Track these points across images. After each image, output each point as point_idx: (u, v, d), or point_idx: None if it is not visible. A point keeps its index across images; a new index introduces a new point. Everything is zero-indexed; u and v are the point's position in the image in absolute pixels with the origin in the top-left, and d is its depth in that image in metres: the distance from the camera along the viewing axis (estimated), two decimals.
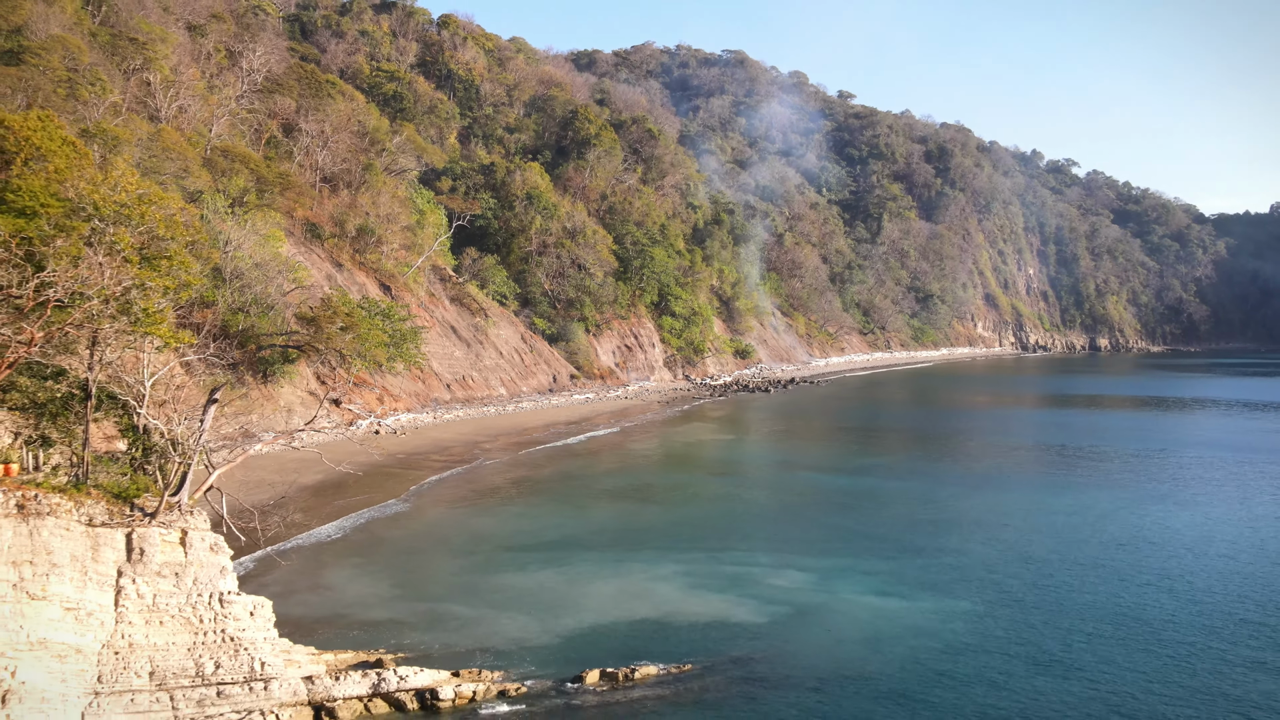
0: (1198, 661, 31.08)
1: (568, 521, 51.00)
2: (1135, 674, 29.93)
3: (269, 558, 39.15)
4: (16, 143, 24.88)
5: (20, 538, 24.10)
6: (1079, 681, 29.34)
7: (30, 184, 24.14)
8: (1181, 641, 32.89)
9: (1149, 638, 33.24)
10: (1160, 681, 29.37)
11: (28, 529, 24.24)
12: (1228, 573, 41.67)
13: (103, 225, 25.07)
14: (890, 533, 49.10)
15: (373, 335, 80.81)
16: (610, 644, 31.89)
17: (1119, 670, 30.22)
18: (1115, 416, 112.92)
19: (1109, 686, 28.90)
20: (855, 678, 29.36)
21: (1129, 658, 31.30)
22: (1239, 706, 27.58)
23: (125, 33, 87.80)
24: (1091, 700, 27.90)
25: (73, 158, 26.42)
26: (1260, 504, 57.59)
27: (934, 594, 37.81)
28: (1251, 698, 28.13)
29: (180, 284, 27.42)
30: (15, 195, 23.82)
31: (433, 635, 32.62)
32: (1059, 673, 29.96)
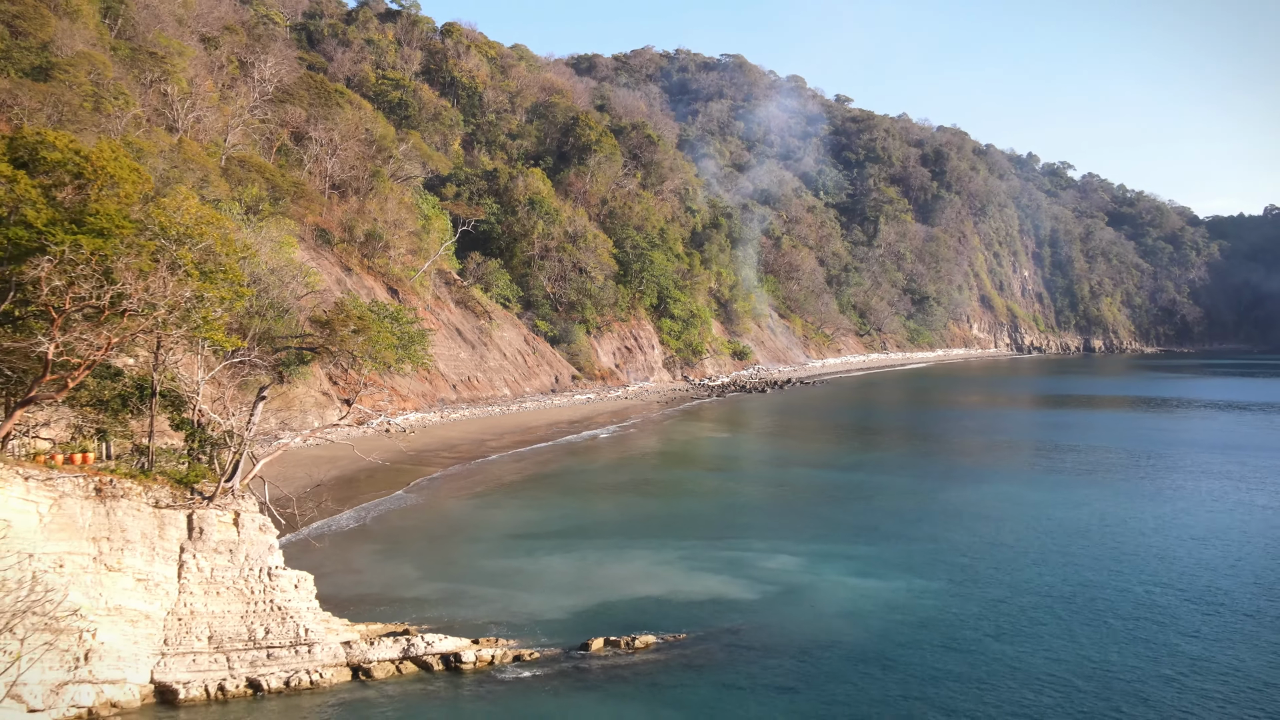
0: (1135, 631, 34.51)
1: (573, 512, 54.46)
2: (1075, 642, 33.47)
3: (305, 541, 42.58)
4: (93, 171, 28.31)
5: (99, 517, 27.57)
6: (1026, 647, 32.87)
7: (106, 207, 27.55)
8: (1121, 615, 36.36)
9: (1092, 613, 36.72)
10: (1096, 647, 32.83)
11: (105, 509, 27.70)
12: (1178, 557, 45.12)
13: (167, 243, 28.52)
14: (874, 522, 52.60)
15: (383, 338, 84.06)
16: (614, 618, 35.33)
17: (1061, 639, 33.72)
18: (1102, 416, 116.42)
19: (1052, 652, 32.38)
20: (833, 645, 32.83)
21: (1072, 629, 34.82)
22: (1160, 669, 31.01)
23: (145, 47, 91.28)
24: (1035, 662, 31.37)
25: (138, 183, 29.91)
26: (1226, 496, 61.05)
27: (908, 575, 41.30)
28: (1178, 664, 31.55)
29: (234, 295, 30.97)
30: (94, 218, 27.21)
31: (452, 611, 36.03)
32: (1009, 640, 33.47)
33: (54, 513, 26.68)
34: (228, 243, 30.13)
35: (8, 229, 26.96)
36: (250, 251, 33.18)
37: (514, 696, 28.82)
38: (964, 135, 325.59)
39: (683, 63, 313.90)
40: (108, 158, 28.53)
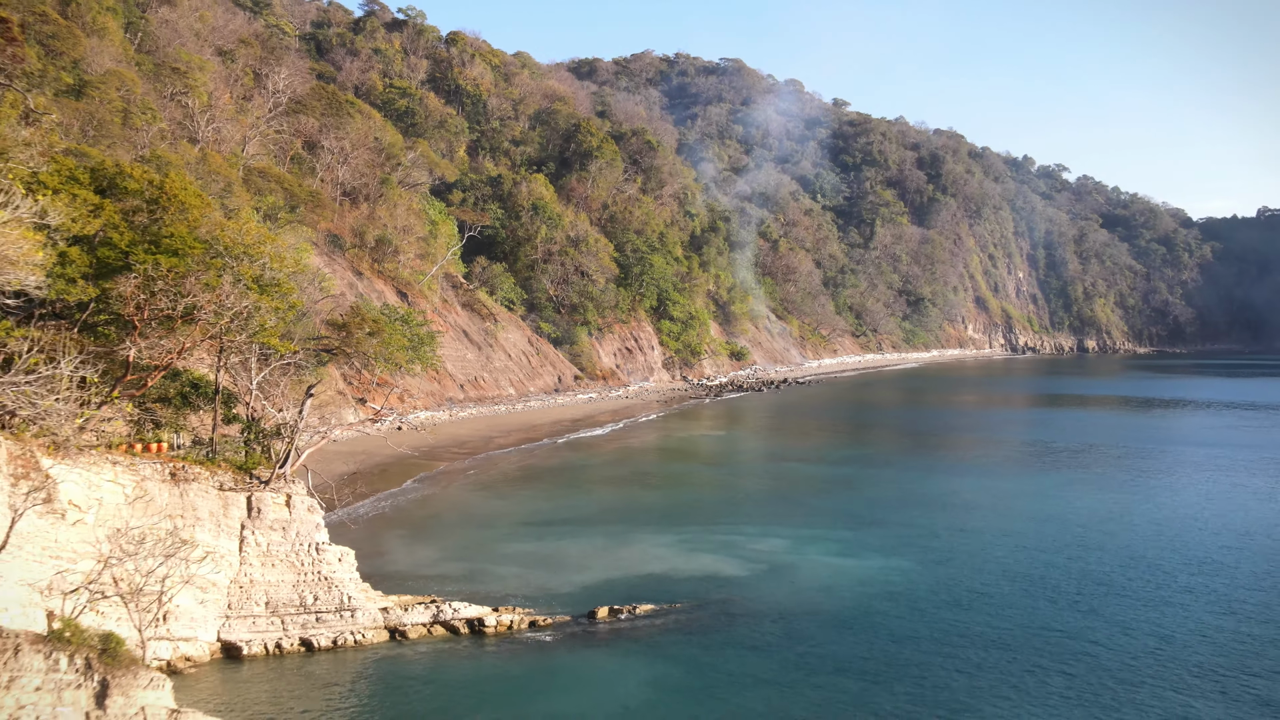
0: (1078, 601, 38.88)
1: (578, 502, 58.87)
2: (1021, 610, 37.89)
3: (340, 524, 46.97)
4: (166, 198, 32.69)
5: (174, 498, 31.96)
6: (978, 614, 37.31)
7: (179, 230, 31.91)
8: (1069, 589, 40.74)
9: (1043, 586, 41.13)
10: (1040, 614, 37.21)
11: (179, 491, 32.10)
12: (1131, 540, 49.51)
13: (230, 261, 32.91)
14: (856, 510, 57.02)
15: (395, 340, 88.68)
16: (617, 591, 39.71)
17: (1010, 608, 38.10)
18: (1086, 415, 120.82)
19: (999, 618, 36.75)
20: (809, 613, 37.24)
21: (1021, 600, 39.23)
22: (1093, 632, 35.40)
23: (167, 62, 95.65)
24: (982, 626, 35.74)
25: (203, 208, 34.30)
26: (1190, 488, 65.46)
27: (881, 555, 45.74)
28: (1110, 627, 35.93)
29: (286, 305, 35.36)
30: (169, 239, 31.57)
31: (473, 586, 40.38)
32: (963, 609, 37.90)
33: (137, 493, 31.06)
34: (281, 260, 34.60)
35: (97, 250, 31.34)
36: (300, 267, 37.02)
37: (530, 654, 33.23)
38: (960, 138, 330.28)
39: (682, 67, 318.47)
40: (179, 186, 32.92)
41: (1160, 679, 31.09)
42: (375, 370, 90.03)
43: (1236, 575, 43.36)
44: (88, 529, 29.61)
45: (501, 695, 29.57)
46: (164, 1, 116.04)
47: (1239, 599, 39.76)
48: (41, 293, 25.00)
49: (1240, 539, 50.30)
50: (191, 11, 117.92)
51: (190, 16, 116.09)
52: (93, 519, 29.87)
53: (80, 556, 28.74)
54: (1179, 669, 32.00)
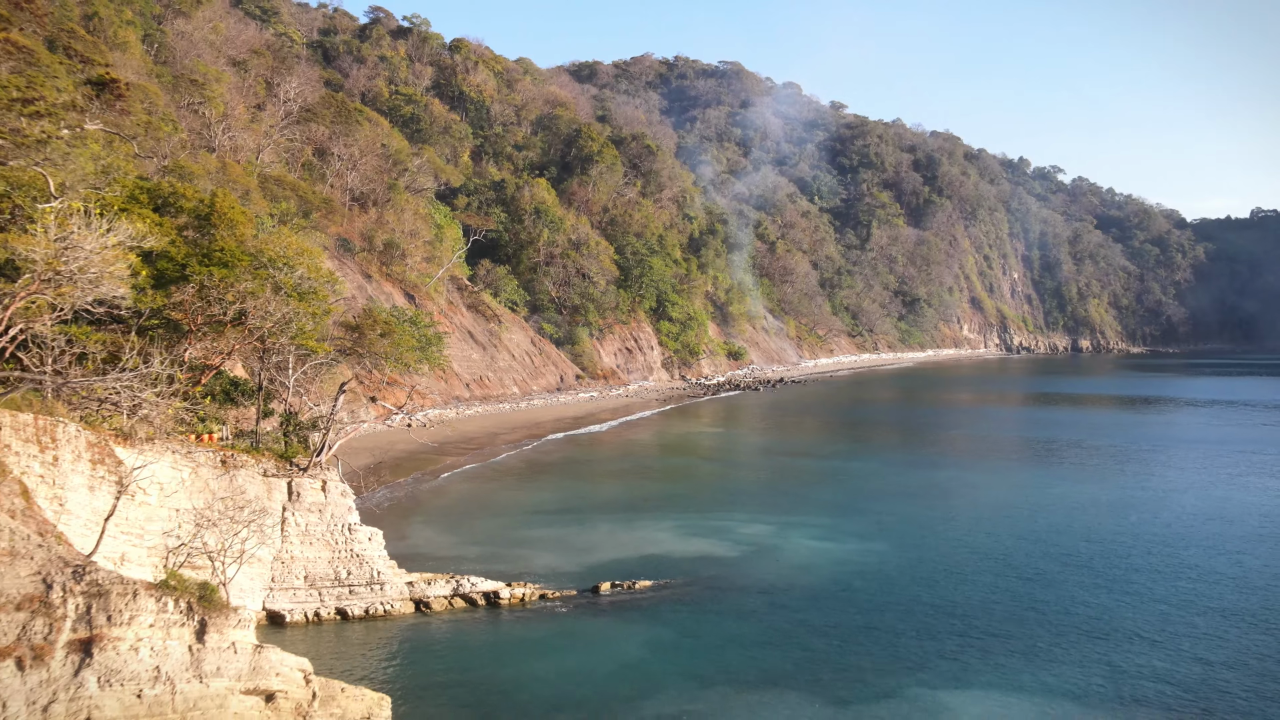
0: (1030, 580, 42.93)
1: (581, 493, 62.93)
2: (979, 586, 41.90)
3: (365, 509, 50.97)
4: (218, 217, 36.73)
5: (224, 482, 35.99)
6: (940, 589, 41.38)
7: (228, 244, 35.94)
8: (1030, 568, 44.78)
9: (1005, 566, 45.16)
10: (999, 590, 41.25)
11: (229, 477, 36.12)
12: (1088, 527, 53.54)
13: (273, 271, 36.95)
14: (839, 499, 61.11)
15: (405, 340, 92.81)
16: (619, 569, 43.74)
17: (968, 584, 42.15)
18: (1072, 413, 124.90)
19: (956, 592, 40.80)
20: (789, 587, 41.32)
21: (980, 578, 43.25)
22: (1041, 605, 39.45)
23: (186, 75, 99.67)
24: (944, 599, 39.78)
25: (247, 224, 38.34)
26: (1157, 480, 69.51)
27: (858, 539, 49.83)
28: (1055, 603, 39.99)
29: (322, 311, 39.42)
30: (220, 253, 35.62)
31: (487, 565, 44.40)
32: (928, 584, 41.98)
33: (193, 478, 35.09)
34: (317, 271, 38.66)
35: (156, 262, 35.38)
36: (334, 277, 40.52)
37: (541, 621, 37.29)
38: (956, 140, 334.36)
39: (681, 69, 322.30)
40: (227, 205, 36.98)
41: (1094, 636, 35.11)
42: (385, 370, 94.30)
43: (1182, 554, 47.37)
44: (150, 509, 33.63)
45: (516, 655, 33.62)
46: (179, 13, 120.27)
47: (1181, 573, 43.76)
48: (126, 302, 28.94)
49: (1194, 523, 54.33)
50: (206, 23, 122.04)
51: (204, 28, 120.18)
52: (155, 500, 33.88)
53: (146, 533, 32.83)
54: (1111, 627, 36.01)
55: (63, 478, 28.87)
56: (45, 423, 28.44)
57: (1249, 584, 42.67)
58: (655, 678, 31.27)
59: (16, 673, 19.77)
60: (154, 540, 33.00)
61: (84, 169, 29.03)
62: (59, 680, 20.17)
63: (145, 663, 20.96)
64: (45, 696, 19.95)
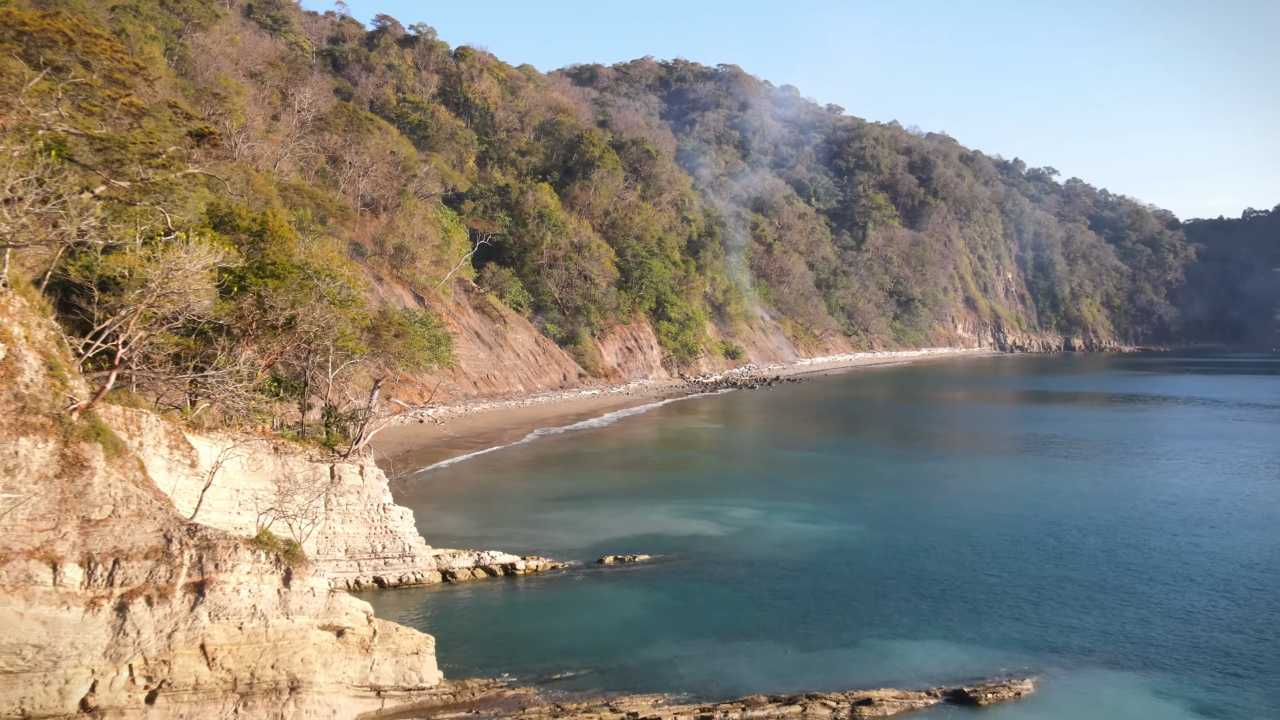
0: (984, 561, 48.22)
1: (585, 481, 68.26)
2: (939, 560, 47.21)
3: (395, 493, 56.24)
4: (270, 234, 42.00)
5: (278, 466, 41.30)
6: (904, 562, 46.71)
7: (280, 258, 41.21)
8: (988, 546, 50.09)
9: (967, 544, 50.46)
10: (961, 564, 46.56)
11: (281, 461, 41.43)
12: (1048, 511, 58.88)
13: (318, 282, 42.24)
14: (822, 487, 66.46)
15: (417, 341, 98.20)
16: (620, 546, 49.06)
17: (931, 558, 47.46)
18: (1059, 410, 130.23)
19: (918, 565, 46.11)
20: (770, 561, 46.67)
21: (942, 553, 48.57)
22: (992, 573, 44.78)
23: (208, 89, 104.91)
24: (904, 569, 45.09)
25: (295, 239, 43.62)
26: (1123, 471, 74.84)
27: (836, 521, 55.20)
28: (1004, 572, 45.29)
29: (360, 316, 44.68)
30: (272, 266, 40.91)
31: (504, 543, 49.65)
32: (893, 560, 47.34)
33: (250, 463, 40.40)
34: (355, 282, 43.96)
35: (218, 274, 40.62)
36: (368, 285, 45.46)
37: (552, 588, 42.63)
38: (952, 142, 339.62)
39: (681, 72, 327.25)
40: (278, 224, 42.28)
41: (1028, 599, 40.41)
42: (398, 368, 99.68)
43: (1123, 533, 52.67)
44: (214, 490, 38.94)
45: (532, 614, 38.95)
46: (197, 27, 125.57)
47: (1120, 549, 49.08)
48: (209, 313, 34.15)
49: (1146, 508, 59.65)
50: (223, 36, 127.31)
51: (222, 41, 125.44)
52: (219, 480, 39.19)
53: (213, 509, 38.12)
54: (1045, 594, 41.31)
55: (146, 460, 34.16)
56: (131, 413, 33.73)
57: (1181, 559, 47.94)
58: (651, 632, 36.59)
59: (147, 607, 25.11)
60: (217, 517, 38.30)
61: (198, 210, 34.06)
62: (179, 614, 25.51)
63: (244, 601, 26.30)
64: (169, 626, 25.29)
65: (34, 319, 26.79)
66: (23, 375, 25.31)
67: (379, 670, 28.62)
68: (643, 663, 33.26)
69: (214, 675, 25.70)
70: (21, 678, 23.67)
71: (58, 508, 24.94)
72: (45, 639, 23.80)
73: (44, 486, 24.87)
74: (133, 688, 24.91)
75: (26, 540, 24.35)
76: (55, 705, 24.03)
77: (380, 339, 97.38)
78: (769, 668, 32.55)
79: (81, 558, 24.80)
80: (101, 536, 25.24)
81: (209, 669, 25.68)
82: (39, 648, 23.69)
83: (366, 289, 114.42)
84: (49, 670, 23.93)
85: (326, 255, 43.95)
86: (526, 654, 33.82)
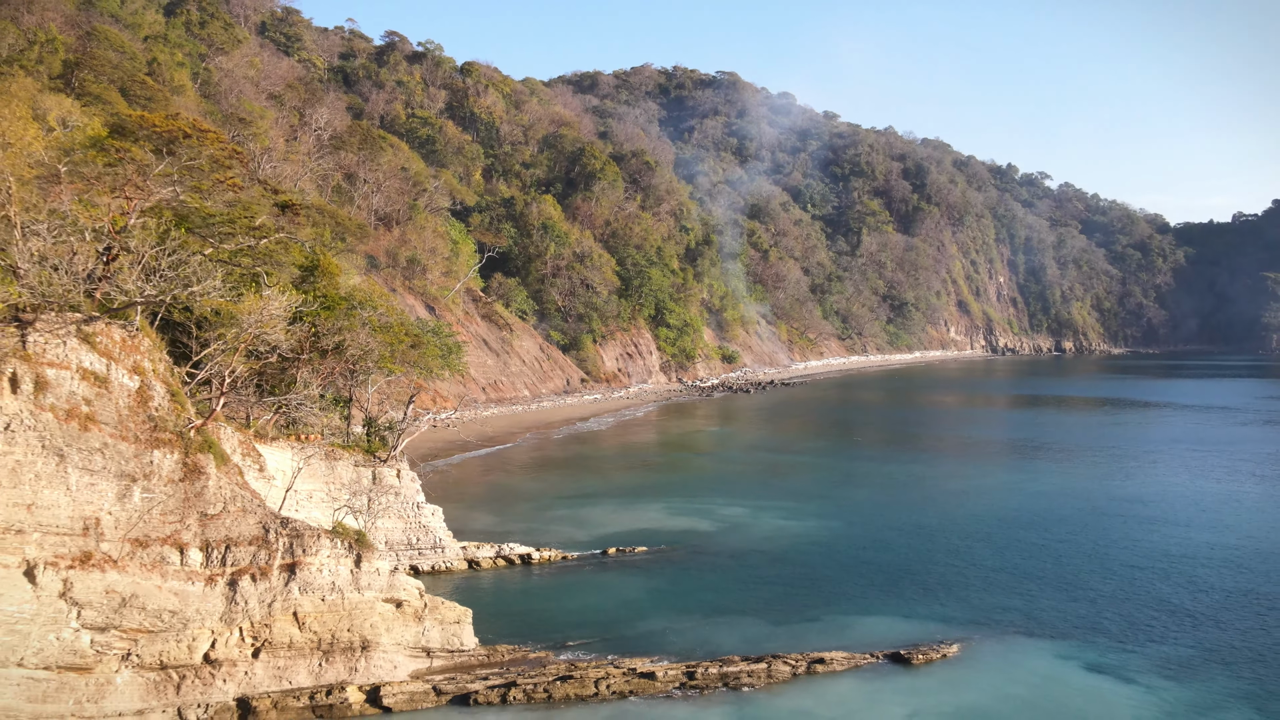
0: (942, 552, 55.10)
1: (589, 481, 75.14)
2: (902, 552, 54.10)
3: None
4: (320, 271, 48.87)
5: (328, 470, 48.19)
6: (870, 553, 53.59)
7: (330, 290, 48.09)
8: (942, 543, 56.98)
9: (925, 539, 57.37)
10: (913, 556, 53.45)
11: (330, 466, 48.33)
12: (1004, 509, 65.79)
13: (361, 310, 49.13)
14: (805, 487, 73.36)
15: (431, 350, 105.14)
16: (621, 538, 55.96)
17: (894, 551, 54.35)
18: (1040, 414, 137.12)
19: (882, 557, 53.00)
20: (755, 551, 53.59)
21: (904, 546, 55.46)
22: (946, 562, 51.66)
23: (235, 114, 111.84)
24: (876, 561, 51.98)
25: (339, 273, 50.49)
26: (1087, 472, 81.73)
27: (816, 518, 62.11)
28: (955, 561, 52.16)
29: (398, 340, 51.61)
30: (324, 298, 47.81)
31: (519, 537, 56.55)
32: (862, 550, 54.20)
33: (305, 467, 47.26)
34: (391, 310, 50.88)
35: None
36: (403, 314, 51.81)
37: (563, 574, 49.55)
38: (946, 147, 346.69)
39: (680, 79, 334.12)
40: (328, 261, 49.18)
41: (973, 583, 47.31)
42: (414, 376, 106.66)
43: (1061, 531, 59.56)
44: (278, 490, 45.87)
45: (546, 595, 45.85)
46: (219, 51, 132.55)
47: (1049, 545, 55.95)
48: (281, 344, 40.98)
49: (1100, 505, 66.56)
50: (244, 59, 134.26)
51: (243, 64, 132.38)
52: (280, 482, 46.14)
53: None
54: (989, 579, 48.20)
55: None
56: (213, 426, 40.64)
57: (1103, 550, 54.81)
58: (647, 609, 43.49)
59: (251, 583, 32.04)
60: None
61: (292, 272, 41.08)
62: (276, 588, 32.44)
63: (325, 579, 33.24)
64: (269, 598, 32.21)
65: (157, 354, 33.72)
66: (153, 400, 32.25)
67: (429, 635, 35.55)
68: (640, 633, 40.14)
69: (303, 636, 32.67)
70: (160, 636, 30.62)
71: (182, 505, 31.88)
72: (177, 606, 30.73)
73: (171, 489, 31.81)
74: (242, 645, 31.88)
75: (160, 530, 31.30)
76: (185, 657, 31.00)
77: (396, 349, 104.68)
78: (744, 636, 39.46)
79: (201, 544, 31.75)
80: (216, 527, 32.19)
81: (300, 631, 32.64)
82: (173, 613, 30.62)
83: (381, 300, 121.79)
84: (180, 630, 30.89)
85: (369, 289, 50.83)
86: (544, 626, 40.71)
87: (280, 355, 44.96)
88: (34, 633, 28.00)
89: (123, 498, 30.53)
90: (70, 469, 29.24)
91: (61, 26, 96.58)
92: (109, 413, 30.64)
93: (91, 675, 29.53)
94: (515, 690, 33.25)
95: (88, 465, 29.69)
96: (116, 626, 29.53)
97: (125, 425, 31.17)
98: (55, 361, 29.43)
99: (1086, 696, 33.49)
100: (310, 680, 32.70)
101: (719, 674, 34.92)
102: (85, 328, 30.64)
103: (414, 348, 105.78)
